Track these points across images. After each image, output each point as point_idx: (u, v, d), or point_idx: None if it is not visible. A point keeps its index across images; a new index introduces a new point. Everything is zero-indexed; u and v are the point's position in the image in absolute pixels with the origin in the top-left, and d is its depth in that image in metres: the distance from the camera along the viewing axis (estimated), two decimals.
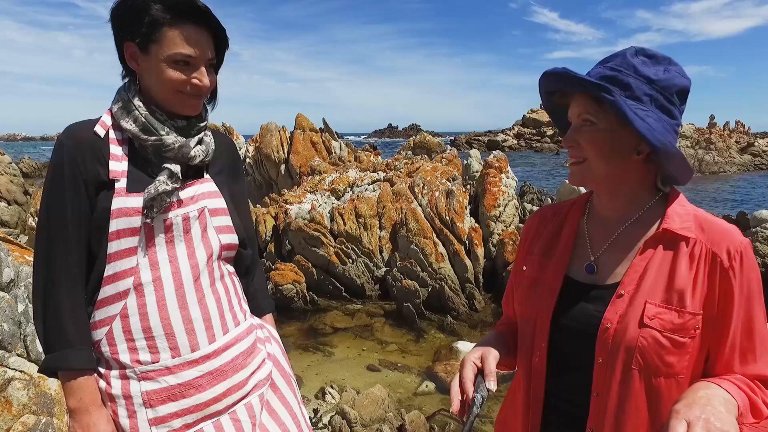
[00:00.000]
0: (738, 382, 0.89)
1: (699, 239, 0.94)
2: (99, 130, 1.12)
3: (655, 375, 0.91)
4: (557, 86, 1.02)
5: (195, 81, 1.12)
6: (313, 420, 3.71)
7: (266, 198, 9.69)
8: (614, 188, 1.00)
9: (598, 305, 0.97)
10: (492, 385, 0.95)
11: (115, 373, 1.11)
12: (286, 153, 11.62)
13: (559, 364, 1.03)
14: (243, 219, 1.31)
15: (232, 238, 1.25)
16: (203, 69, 1.13)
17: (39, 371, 1.12)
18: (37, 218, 1.18)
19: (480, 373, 0.99)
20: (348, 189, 8.62)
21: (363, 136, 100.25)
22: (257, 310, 1.40)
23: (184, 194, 1.16)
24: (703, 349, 0.93)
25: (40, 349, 2.26)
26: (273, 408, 1.28)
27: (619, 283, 0.97)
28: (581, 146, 0.97)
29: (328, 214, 7.77)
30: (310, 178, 9.94)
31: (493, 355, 1.00)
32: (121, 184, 1.10)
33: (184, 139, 1.15)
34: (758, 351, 0.92)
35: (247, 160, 12.30)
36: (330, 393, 4.21)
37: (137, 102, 1.12)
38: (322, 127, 12.68)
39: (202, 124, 1.21)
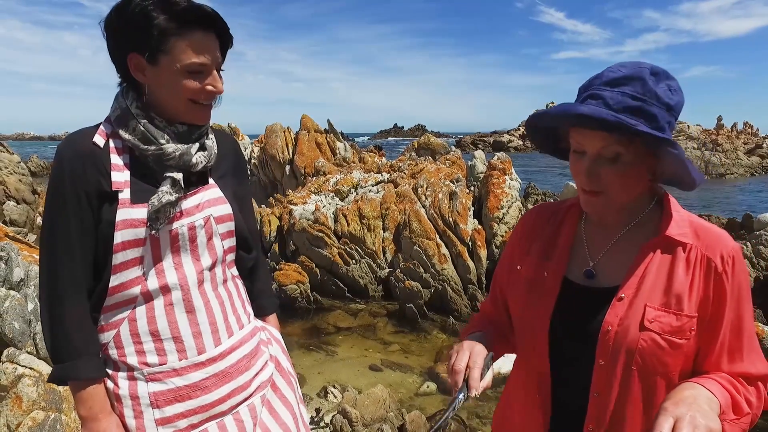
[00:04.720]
0: (722, 381, 0.92)
1: (694, 245, 0.97)
2: (98, 140, 1.10)
3: (653, 374, 0.95)
4: (579, 123, 0.93)
5: (209, 88, 1.10)
6: (315, 419, 3.75)
7: (271, 198, 9.74)
8: (622, 206, 1.01)
9: (598, 308, 0.99)
10: (474, 393, 0.96)
11: (122, 374, 1.13)
12: (290, 154, 11.68)
13: (558, 365, 1.04)
14: (247, 220, 1.31)
15: (235, 242, 1.26)
16: (215, 74, 1.11)
17: (48, 381, 1.15)
18: (40, 229, 1.20)
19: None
20: (352, 190, 8.67)
21: (368, 137, 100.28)
22: (261, 310, 1.40)
23: (188, 203, 1.14)
24: (695, 349, 0.96)
25: None
26: (273, 407, 1.30)
27: (619, 287, 0.98)
28: (603, 180, 0.94)
29: (332, 215, 7.82)
30: (314, 178, 10.00)
31: (478, 367, 0.98)
32: (125, 194, 1.09)
33: (185, 146, 1.12)
34: (745, 350, 0.96)
35: (252, 160, 12.37)
36: (332, 392, 4.25)
37: (135, 110, 1.09)
38: (327, 128, 12.73)
39: (204, 128, 1.17)
